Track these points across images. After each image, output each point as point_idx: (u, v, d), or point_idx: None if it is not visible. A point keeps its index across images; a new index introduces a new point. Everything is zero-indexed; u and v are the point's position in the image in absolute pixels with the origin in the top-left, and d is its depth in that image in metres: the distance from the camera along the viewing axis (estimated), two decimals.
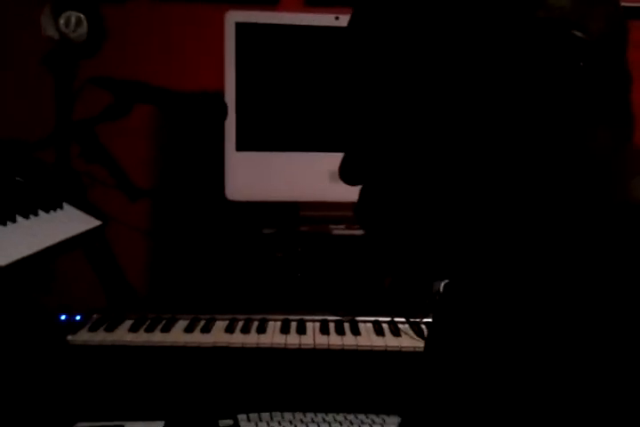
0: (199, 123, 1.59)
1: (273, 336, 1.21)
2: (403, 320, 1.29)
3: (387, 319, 1.30)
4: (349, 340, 1.20)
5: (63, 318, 1.26)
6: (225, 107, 1.40)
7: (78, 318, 1.26)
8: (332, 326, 1.26)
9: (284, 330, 1.24)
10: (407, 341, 1.21)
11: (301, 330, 1.24)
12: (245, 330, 1.24)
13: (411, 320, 1.27)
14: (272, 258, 1.46)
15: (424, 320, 1.27)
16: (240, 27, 1.45)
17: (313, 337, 1.21)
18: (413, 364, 0.70)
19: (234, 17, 1.45)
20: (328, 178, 1.42)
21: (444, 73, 0.49)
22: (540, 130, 0.49)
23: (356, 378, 1.18)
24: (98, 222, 1.26)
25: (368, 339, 1.21)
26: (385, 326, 1.27)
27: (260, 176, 1.49)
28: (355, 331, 1.24)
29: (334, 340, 1.20)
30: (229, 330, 1.23)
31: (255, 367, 1.19)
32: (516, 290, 0.52)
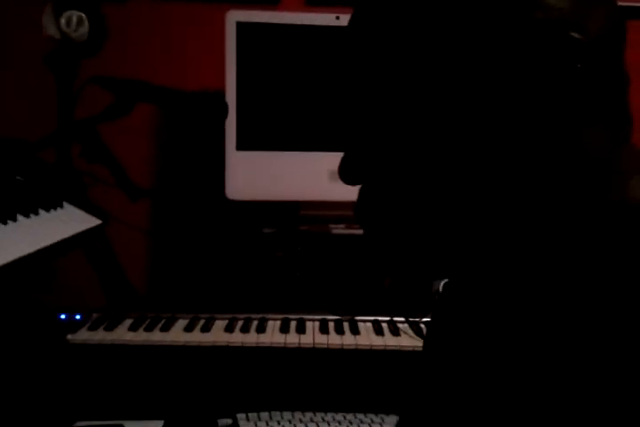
0: (200, 122, 1.59)
1: (272, 335, 1.21)
2: (402, 320, 1.29)
3: (386, 319, 1.30)
4: (349, 339, 1.20)
5: (63, 317, 1.26)
6: (225, 106, 1.40)
7: (78, 317, 1.26)
8: (332, 326, 1.26)
9: (284, 329, 1.24)
10: (406, 340, 1.21)
11: (301, 329, 1.24)
12: (245, 329, 1.24)
13: (410, 320, 1.27)
14: (272, 257, 1.46)
15: (423, 320, 1.28)
16: (241, 26, 1.45)
17: (312, 336, 1.21)
18: (412, 363, 0.70)
19: (235, 16, 1.46)
20: (328, 177, 1.43)
21: (443, 73, 0.49)
22: (537, 130, 0.49)
23: (356, 377, 1.18)
24: (98, 222, 1.26)
25: (367, 338, 1.21)
26: (384, 326, 1.27)
27: (260, 175, 1.49)
28: (354, 330, 1.24)
29: (334, 339, 1.20)
30: (229, 329, 1.24)
31: (254, 367, 1.19)
32: (515, 289, 0.52)
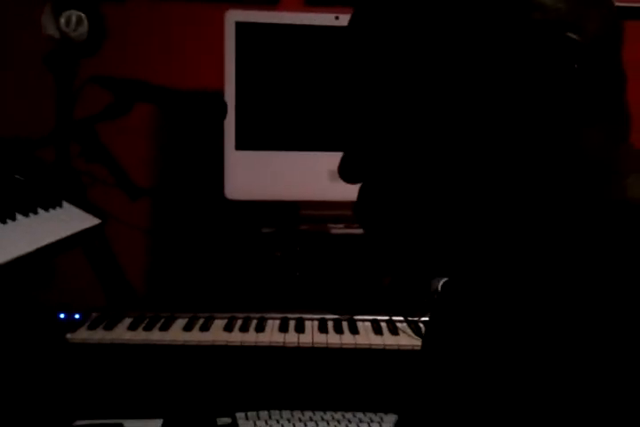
0: (199, 122, 1.59)
1: (271, 335, 1.22)
2: (401, 319, 1.29)
3: (385, 318, 1.30)
4: (348, 338, 1.21)
5: (62, 317, 1.26)
6: (224, 106, 1.40)
7: (77, 317, 1.26)
8: (331, 325, 1.26)
9: (283, 329, 1.24)
10: (405, 339, 1.21)
11: (300, 329, 1.24)
12: (244, 328, 1.24)
13: (409, 319, 1.27)
14: (271, 257, 1.46)
15: (422, 319, 1.28)
16: (240, 26, 1.45)
17: (311, 336, 1.21)
18: (411, 362, 0.70)
19: (234, 16, 1.46)
20: (327, 177, 1.43)
21: (442, 74, 0.49)
22: (535, 130, 0.49)
23: (355, 376, 1.18)
24: (97, 221, 1.26)
25: (366, 337, 1.21)
26: (383, 325, 1.27)
27: (260, 175, 1.49)
28: (353, 330, 1.24)
29: (333, 338, 1.20)
30: (228, 328, 1.24)
31: (254, 366, 1.19)
32: (514, 289, 0.53)
